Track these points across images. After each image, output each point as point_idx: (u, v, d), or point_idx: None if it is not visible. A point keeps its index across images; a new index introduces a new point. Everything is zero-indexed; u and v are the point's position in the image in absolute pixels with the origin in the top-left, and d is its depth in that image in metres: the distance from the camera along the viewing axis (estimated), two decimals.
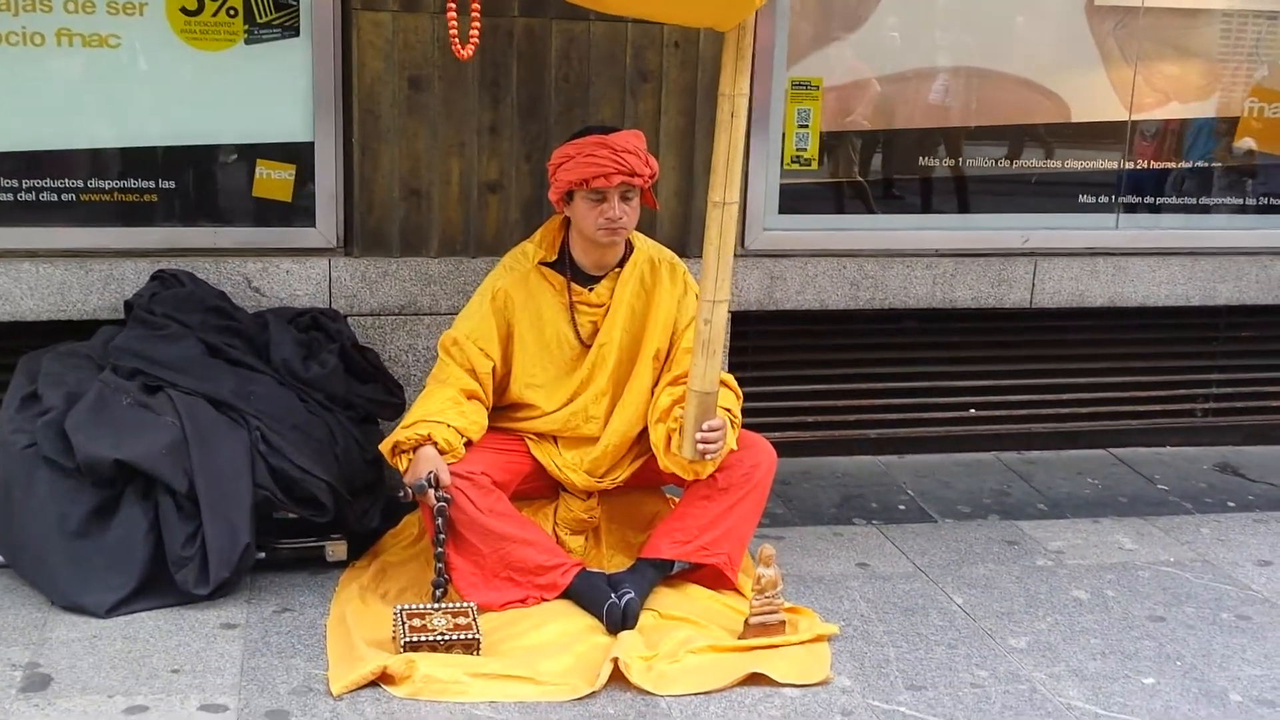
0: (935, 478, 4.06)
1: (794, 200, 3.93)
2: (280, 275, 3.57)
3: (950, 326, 4.16)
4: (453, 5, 2.37)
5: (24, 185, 3.45)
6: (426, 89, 3.54)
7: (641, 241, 3.21)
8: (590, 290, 3.13)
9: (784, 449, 4.04)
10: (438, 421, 2.95)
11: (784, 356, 4.09)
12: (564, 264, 3.13)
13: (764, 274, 3.89)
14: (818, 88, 3.87)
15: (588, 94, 3.64)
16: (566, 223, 3.12)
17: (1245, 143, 4.26)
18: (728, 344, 3.88)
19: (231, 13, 3.44)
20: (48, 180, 3.46)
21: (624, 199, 3.00)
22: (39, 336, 3.43)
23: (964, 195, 4.11)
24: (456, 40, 2.39)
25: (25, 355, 3.32)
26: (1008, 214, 4.13)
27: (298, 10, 3.47)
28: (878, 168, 4.06)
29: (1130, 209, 4.22)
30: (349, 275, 3.61)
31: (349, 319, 3.60)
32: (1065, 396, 4.31)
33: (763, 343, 4.05)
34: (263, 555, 3.13)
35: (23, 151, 3.44)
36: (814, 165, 3.92)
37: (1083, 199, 4.19)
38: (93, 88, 3.43)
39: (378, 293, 3.64)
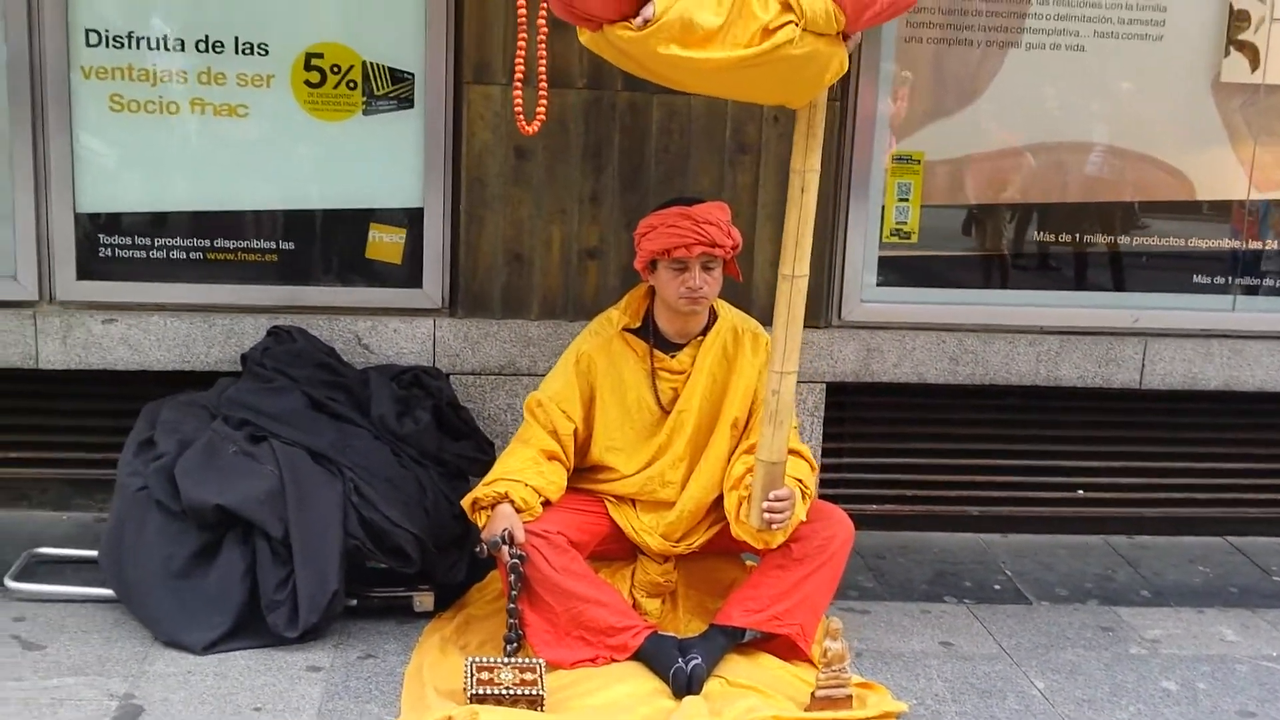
0: (1036, 558, 3.97)
1: (893, 273, 3.93)
2: (388, 333, 3.73)
3: (1055, 404, 4.08)
4: (518, 85, 2.48)
5: (156, 244, 3.70)
6: (531, 159, 3.68)
7: (726, 310, 3.27)
8: (672, 357, 3.19)
9: (881, 523, 4.05)
10: (515, 480, 3.04)
11: (882, 429, 4.07)
12: (648, 330, 3.21)
13: (860, 345, 3.90)
14: (919, 161, 3.87)
15: (687, 165, 3.73)
16: (652, 290, 3.19)
17: None
18: (823, 414, 3.91)
19: (351, 85, 3.64)
20: (178, 239, 3.70)
21: (705, 269, 3.07)
22: (164, 385, 3.65)
23: (1071, 271, 4.05)
24: (521, 116, 2.50)
25: (149, 403, 3.53)
26: (1117, 292, 4.05)
27: (412, 83, 3.66)
28: (980, 241, 4.03)
29: (1249, 290, 4.09)
30: (453, 335, 3.75)
31: (451, 377, 3.74)
32: (1178, 480, 4.18)
33: (860, 414, 4.04)
34: (353, 602, 3.26)
35: (156, 212, 3.69)
36: (914, 238, 3.92)
37: (1198, 279, 4.08)
38: (222, 154, 3.67)
39: (479, 353, 3.77)
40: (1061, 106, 3.98)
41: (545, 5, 2.57)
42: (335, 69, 3.62)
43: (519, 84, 2.48)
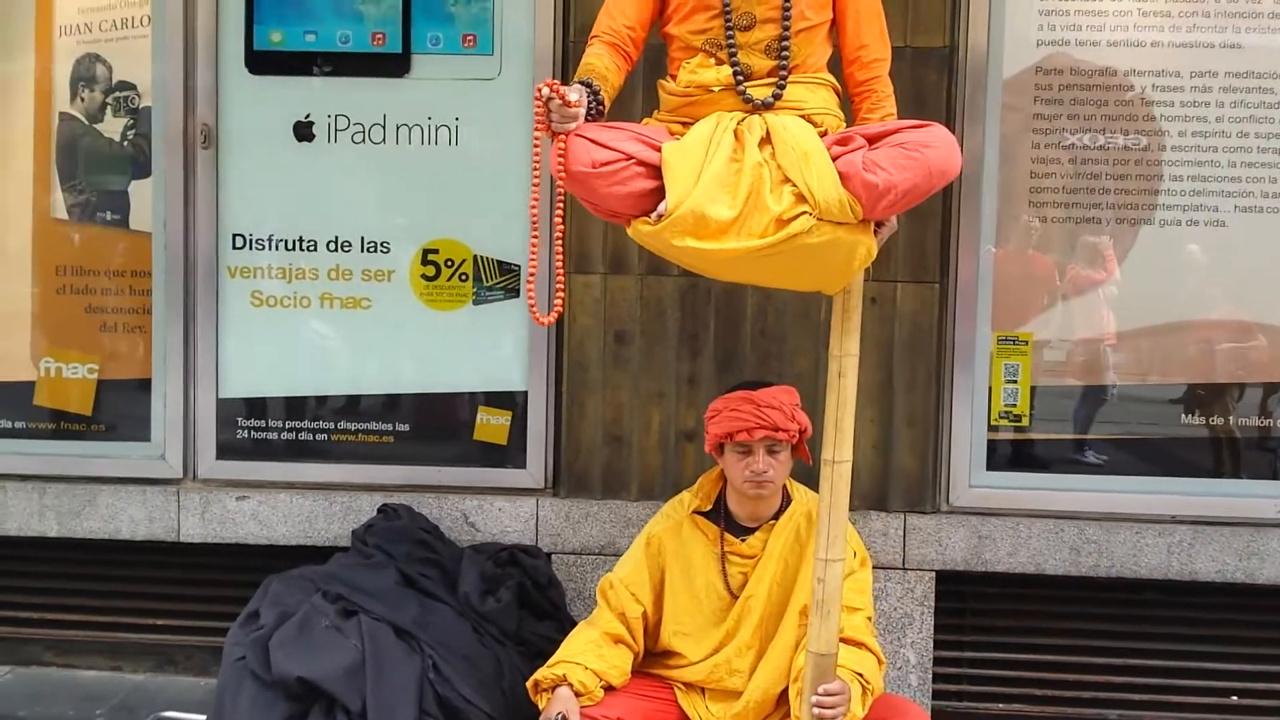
0: None
1: (1003, 457, 3.78)
2: (494, 512, 3.85)
3: (1194, 601, 3.78)
4: (531, 280, 2.59)
5: (286, 426, 3.97)
6: (630, 343, 3.79)
7: (801, 494, 3.22)
8: (743, 541, 3.16)
9: None
10: (575, 663, 3.05)
11: (1005, 622, 3.86)
12: (719, 513, 3.19)
13: (970, 533, 3.74)
14: (1026, 342, 3.76)
15: (783, 348, 3.75)
16: (724, 473, 3.19)
17: None
18: (934, 604, 3.75)
19: (463, 277, 3.87)
20: (305, 422, 3.97)
21: (770, 453, 3.05)
22: (289, 559, 3.86)
23: (1204, 457, 3.79)
24: (535, 310, 2.60)
25: (269, 577, 3.75)
26: (1257, 480, 3.75)
27: (518, 274, 3.85)
28: (1098, 424, 3.83)
29: None
30: (554, 515, 3.83)
31: (553, 557, 3.80)
32: None
33: (979, 605, 3.85)
34: None
35: (288, 397, 3.98)
36: (1025, 421, 3.78)
37: None
38: (347, 343, 3.94)
39: (580, 532, 3.83)
40: (1198, 283, 3.80)
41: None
42: (449, 263, 3.86)
43: (531, 283, 2.61)
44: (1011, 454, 3.80)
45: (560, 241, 3.66)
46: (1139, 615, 3.82)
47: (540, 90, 2.49)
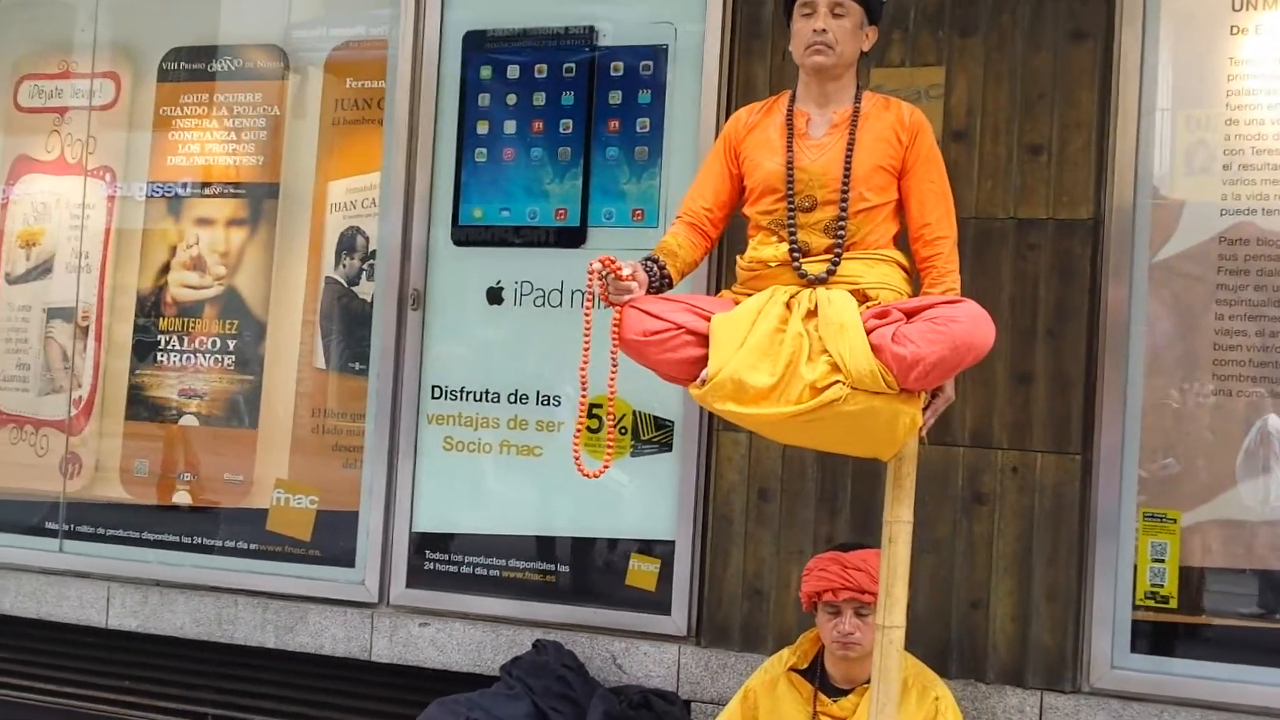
0: None
1: (1149, 639, 3.60)
2: (639, 656, 4.04)
3: None
4: (577, 439, 2.84)
5: (465, 560, 4.35)
6: (772, 500, 3.93)
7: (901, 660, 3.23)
8: (835, 701, 3.20)
9: None
10: None
11: None
12: (814, 672, 3.26)
13: (1110, 717, 3.57)
14: (1175, 520, 3.60)
15: (921, 513, 3.74)
16: None
17: None
18: None
19: (623, 431, 4.16)
20: (481, 558, 4.32)
21: (859, 615, 3.11)
22: (459, 684, 4.19)
23: None
24: (580, 462, 2.84)
25: (433, 700, 4.08)
26: None
27: (672, 430, 4.10)
28: (1258, 612, 3.57)
29: None
30: (695, 663, 3.98)
31: (692, 704, 3.94)
32: None
33: None
34: None
35: (468, 534, 4.36)
36: (1173, 603, 3.59)
37: None
38: (520, 487, 4.30)
39: (718, 682, 3.94)
40: None
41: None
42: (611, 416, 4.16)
43: (577, 440, 2.85)
44: (1158, 636, 3.61)
45: None
46: None
47: (593, 265, 2.78)
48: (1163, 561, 3.61)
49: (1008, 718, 3.64)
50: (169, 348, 4.86)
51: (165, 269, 4.89)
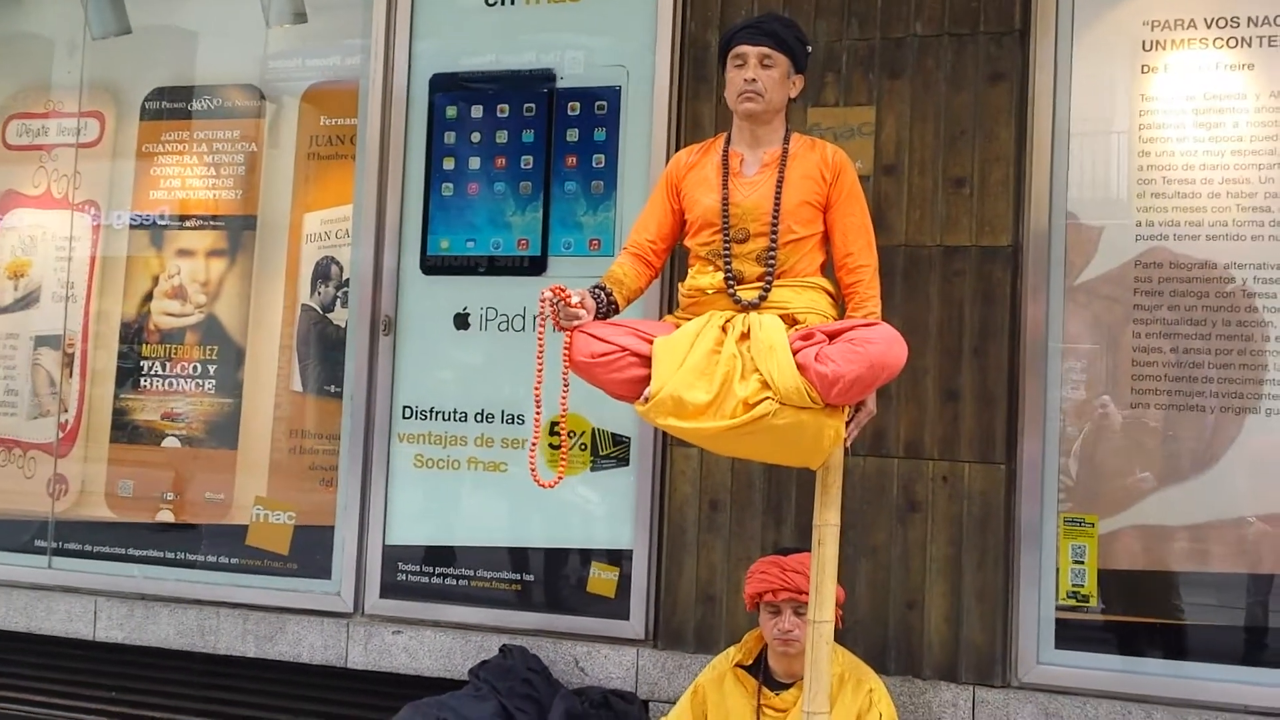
0: None
1: (1072, 636, 3.87)
2: (600, 659, 4.29)
3: None
4: (533, 452, 3.10)
5: (435, 571, 4.59)
6: (723, 510, 4.19)
7: (837, 654, 3.48)
8: (777, 695, 3.46)
9: None
10: None
11: None
12: (759, 668, 3.51)
13: (1038, 709, 3.83)
14: (1093, 524, 3.87)
15: (859, 520, 4.04)
16: None
17: None
18: None
19: (583, 447, 4.42)
20: (450, 568, 4.57)
21: (798, 614, 3.37)
22: (430, 689, 4.42)
23: None
24: (536, 473, 3.11)
25: (407, 704, 4.32)
26: None
27: (629, 445, 4.36)
28: (1173, 610, 3.84)
29: None
30: (652, 665, 4.23)
31: (650, 704, 4.18)
32: None
33: None
34: None
35: (438, 546, 4.61)
36: (1092, 602, 3.86)
37: None
38: (487, 501, 4.55)
39: (674, 682, 4.19)
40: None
41: None
42: (572, 434, 4.42)
43: (532, 456, 3.12)
44: (1080, 633, 3.88)
45: None
46: None
47: (544, 293, 3.05)
48: (1083, 563, 3.88)
49: (943, 712, 3.90)
50: (152, 373, 5.10)
51: (148, 298, 5.14)
